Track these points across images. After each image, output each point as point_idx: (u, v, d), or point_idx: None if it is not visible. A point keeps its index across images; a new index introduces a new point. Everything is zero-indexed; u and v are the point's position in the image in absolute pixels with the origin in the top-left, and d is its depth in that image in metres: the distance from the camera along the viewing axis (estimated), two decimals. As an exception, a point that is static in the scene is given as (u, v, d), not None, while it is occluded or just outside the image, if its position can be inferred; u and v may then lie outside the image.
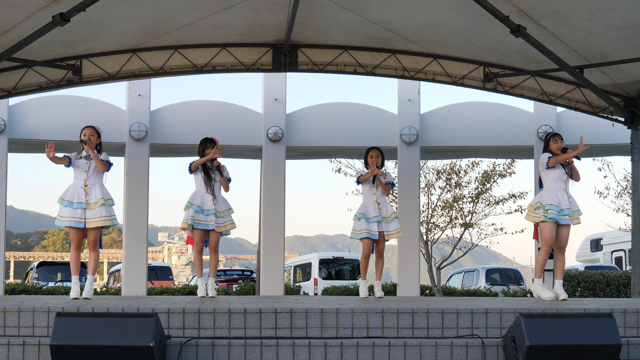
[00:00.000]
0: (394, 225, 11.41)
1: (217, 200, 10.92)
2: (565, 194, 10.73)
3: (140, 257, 19.63)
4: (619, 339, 6.82)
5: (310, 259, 30.11)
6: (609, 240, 33.00)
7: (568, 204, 10.68)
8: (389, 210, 11.40)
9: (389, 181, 11.56)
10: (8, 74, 15.34)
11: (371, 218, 11.35)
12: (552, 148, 10.98)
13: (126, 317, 6.66)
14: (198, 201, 10.88)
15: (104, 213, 10.16)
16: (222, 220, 10.95)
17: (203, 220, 10.84)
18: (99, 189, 10.23)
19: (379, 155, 11.53)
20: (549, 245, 10.73)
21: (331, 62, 15.95)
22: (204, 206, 10.85)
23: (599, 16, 12.59)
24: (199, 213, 10.84)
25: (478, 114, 20.57)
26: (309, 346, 7.11)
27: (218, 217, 10.90)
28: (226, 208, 10.99)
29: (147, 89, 19.83)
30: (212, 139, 11.20)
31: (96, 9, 12.13)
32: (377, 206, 11.38)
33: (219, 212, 10.90)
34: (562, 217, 10.66)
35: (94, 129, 10.47)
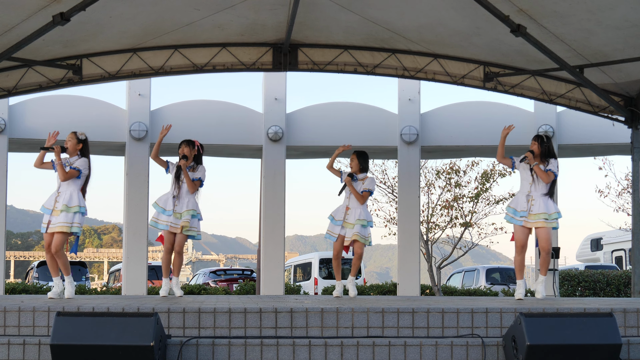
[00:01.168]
0: (354, 230, 11.32)
1: (180, 201, 10.86)
2: (525, 197, 10.69)
3: (140, 256, 19.63)
4: (619, 338, 6.83)
5: (311, 258, 30.09)
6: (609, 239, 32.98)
7: (526, 206, 10.64)
8: (355, 217, 11.34)
9: (367, 189, 11.43)
10: (8, 73, 15.35)
11: (337, 221, 11.40)
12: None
13: (126, 317, 6.67)
14: (162, 202, 10.90)
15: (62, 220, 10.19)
16: (179, 222, 10.85)
17: (163, 221, 10.84)
18: (67, 196, 10.25)
19: (353, 159, 11.61)
20: (516, 247, 10.78)
21: (331, 62, 15.95)
22: (166, 206, 10.86)
23: (599, 16, 12.59)
24: (160, 213, 10.86)
25: (478, 114, 20.56)
26: (309, 345, 7.11)
27: (176, 218, 10.83)
28: (186, 209, 10.84)
29: (147, 88, 19.83)
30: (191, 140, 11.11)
31: (96, 8, 12.14)
32: (345, 211, 11.40)
33: (177, 213, 10.83)
34: (517, 218, 10.65)
35: (74, 135, 10.46)
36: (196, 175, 10.96)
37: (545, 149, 10.75)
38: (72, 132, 10.47)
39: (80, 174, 10.33)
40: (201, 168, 11.05)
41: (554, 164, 10.73)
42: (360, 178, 11.41)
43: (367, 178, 11.45)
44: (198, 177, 10.97)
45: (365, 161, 11.61)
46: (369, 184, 11.45)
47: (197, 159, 11.08)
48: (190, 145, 11.03)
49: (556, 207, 10.80)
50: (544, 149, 10.75)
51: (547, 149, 10.76)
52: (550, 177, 10.65)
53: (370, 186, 11.47)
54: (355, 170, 11.48)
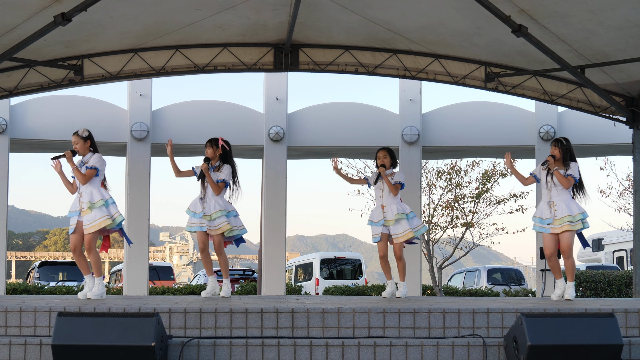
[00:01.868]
0: (401, 227, 11.33)
1: (206, 203, 10.83)
2: (547, 204, 10.68)
3: (141, 257, 19.64)
4: (620, 338, 6.82)
5: (312, 258, 30.12)
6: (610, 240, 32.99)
7: (549, 213, 10.63)
8: (393, 212, 11.32)
9: (397, 181, 11.39)
10: (10, 73, 15.35)
11: (377, 222, 11.39)
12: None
13: (127, 317, 6.67)
14: (192, 205, 10.89)
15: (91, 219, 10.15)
16: (215, 223, 10.83)
17: (196, 223, 10.83)
18: (88, 194, 10.24)
19: (386, 156, 11.44)
20: (546, 254, 10.79)
21: (332, 62, 15.95)
22: (195, 209, 10.85)
23: (600, 16, 12.58)
24: (191, 217, 10.85)
25: (479, 114, 20.58)
26: (310, 346, 7.11)
27: (208, 220, 10.82)
28: (214, 210, 10.84)
29: (148, 88, 19.85)
30: (215, 138, 11.02)
31: (97, 9, 12.14)
32: (382, 210, 11.38)
33: (206, 215, 10.80)
34: (544, 226, 10.64)
35: (77, 136, 10.38)
36: (220, 177, 10.81)
37: (566, 152, 10.71)
38: (74, 135, 10.39)
39: (98, 171, 10.31)
40: (226, 168, 10.86)
41: (575, 168, 10.67)
42: (389, 174, 11.38)
43: (394, 173, 11.43)
44: (222, 178, 10.82)
45: (395, 158, 11.60)
46: (399, 176, 11.42)
47: (223, 158, 10.93)
48: (214, 145, 10.91)
49: (580, 207, 10.72)
50: (564, 152, 10.70)
51: (567, 152, 10.72)
52: (570, 182, 10.60)
53: (401, 178, 11.43)
54: (388, 167, 11.44)
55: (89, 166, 10.25)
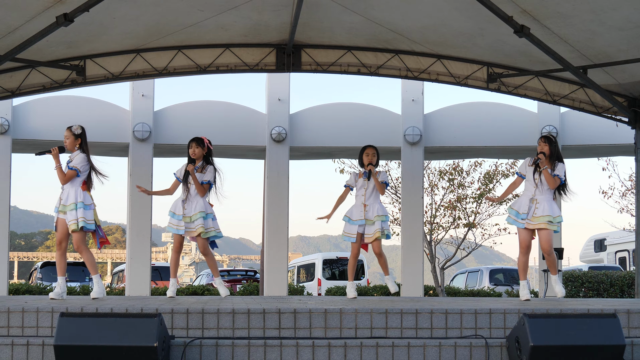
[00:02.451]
0: (374, 228, 11.23)
1: (189, 204, 10.80)
2: (528, 199, 10.67)
3: (143, 257, 19.65)
4: (622, 339, 6.82)
5: (314, 259, 30.11)
6: (612, 240, 32.97)
7: (527, 209, 10.62)
8: (374, 213, 11.26)
9: (384, 180, 11.36)
10: (12, 74, 15.36)
11: (355, 221, 11.28)
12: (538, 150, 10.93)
13: (130, 318, 6.67)
14: (172, 206, 10.88)
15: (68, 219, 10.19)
16: (193, 225, 10.81)
17: (174, 225, 10.83)
18: (66, 194, 10.24)
19: (375, 154, 11.40)
20: (521, 248, 10.75)
21: (335, 63, 15.95)
22: (176, 210, 10.83)
23: (603, 17, 12.58)
24: (172, 217, 10.85)
25: (482, 114, 20.57)
26: (312, 346, 7.12)
27: (188, 222, 10.79)
28: (194, 212, 10.77)
29: (150, 89, 19.85)
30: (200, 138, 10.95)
31: (100, 9, 12.14)
32: (363, 208, 11.32)
33: (186, 216, 10.78)
34: (518, 220, 10.64)
35: (69, 131, 10.36)
36: (205, 178, 10.77)
37: (555, 152, 10.72)
38: (67, 129, 10.38)
39: (79, 173, 10.22)
40: (210, 169, 10.84)
41: (562, 169, 10.69)
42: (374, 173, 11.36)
43: (379, 172, 11.39)
44: (207, 179, 10.80)
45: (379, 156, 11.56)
46: (384, 175, 11.40)
47: (207, 158, 10.95)
48: (200, 145, 10.88)
49: (559, 210, 10.79)
50: (553, 150, 10.71)
51: (556, 151, 10.73)
52: (556, 183, 10.62)
53: (386, 178, 11.42)
54: (375, 163, 11.40)
55: (71, 166, 10.20)
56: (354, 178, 11.46)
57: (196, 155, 10.80)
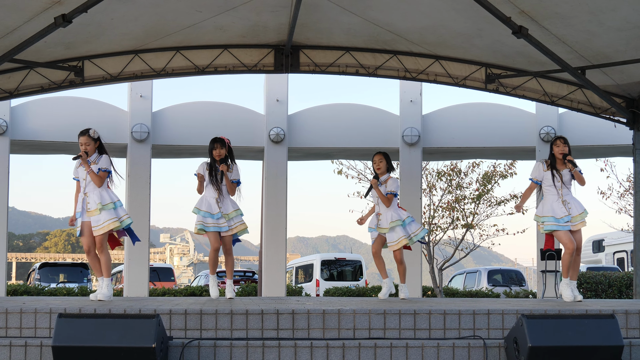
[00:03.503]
0: (395, 235, 11.24)
1: (222, 203, 10.73)
2: (560, 202, 10.61)
3: (142, 258, 19.65)
4: (621, 340, 6.82)
5: (312, 260, 30.12)
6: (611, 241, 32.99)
7: (565, 210, 10.57)
8: (387, 220, 11.23)
9: (390, 191, 11.24)
10: (10, 75, 15.35)
11: (373, 228, 11.41)
12: (554, 152, 10.84)
13: (128, 318, 6.67)
14: (205, 206, 10.71)
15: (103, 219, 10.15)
16: (232, 223, 10.77)
17: (213, 224, 10.67)
18: (97, 195, 10.21)
19: (381, 160, 11.33)
20: (569, 246, 10.53)
21: (333, 63, 15.95)
22: (211, 210, 10.68)
23: (601, 17, 12.59)
24: (208, 217, 10.68)
25: (480, 115, 20.59)
26: (310, 347, 7.11)
27: (227, 219, 10.74)
28: (233, 209, 10.80)
29: (149, 90, 19.86)
30: (222, 138, 10.90)
31: (98, 10, 12.14)
32: (377, 217, 11.37)
33: (225, 214, 10.73)
34: (562, 224, 10.52)
35: (89, 137, 10.27)
36: (234, 178, 10.75)
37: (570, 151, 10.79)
38: (85, 136, 10.21)
39: (110, 174, 10.27)
40: (235, 168, 10.82)
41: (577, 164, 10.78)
42: (383, 181, 11.27)
43: (389, 179, 11.30)
44: (236, 179, 10.80)
45: (390, 161, 11.48)
46: (392, 185, 11.27)
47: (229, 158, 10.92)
48: (224, 147, 10.82)
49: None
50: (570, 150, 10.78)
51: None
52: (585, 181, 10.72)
53: (394, 187, 11.28)
54: (384, 171, 11.33)
55: (101, 168, 10.17)
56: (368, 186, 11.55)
57: (222, 155, 10.74)
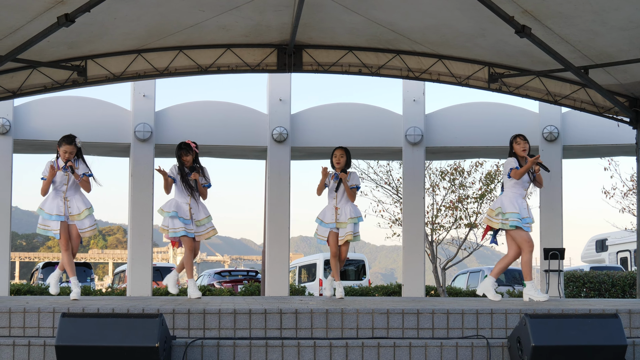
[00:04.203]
0: (345, 231, 11.19)
1: (195, 209, 10.76)
2: (524, 202, 10.57)
3: (145, 257, 19.64)
4: (624, 339, 6.82)
5: (316, 259, 30.12)
6: (614, 240, 32.97)
7: (527, 212, 10.52)
8: (347, 215, 11.19)
9: (354, 185, 11.28)
10: (13, 74, 15.36)
11: (327, 224, 11.24)
12: (516, 150, 10.79)
13: (131, 318, 6.67)
14: (173, 207, 10.71)
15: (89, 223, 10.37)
16: (203, 228, 10.81)
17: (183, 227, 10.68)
18: (79, 200, 10.37)
19: (343, 155, 11.31)
20: (531, 244, 10.50)
21: (336, 63, 15.94)
22: (183, 215, 10.70)
23: (604, 17, 12.58)
24: (176, 220, 10.66)
25: (483, 115, 20.57)
26: (314, 347, 7.12)
27: (198, 225, 10.78)
28: (204, 216, 10.78)
29: (152, 89, 19.85)
30: (188, 143, 10.91)
31: (101, 10, 12.15)
32: (335, 211, 11.26)
33: (197, 220, 10.76)
34: (525, 225, 10.48)
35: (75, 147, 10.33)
36: (204, 182, 10.87)
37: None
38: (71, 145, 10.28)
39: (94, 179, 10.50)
40: (207, 171, 10.92)
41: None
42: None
43: (350, 174, 11.33)
44: (209, 183, 10.90)
45: (350, 157, 11.47)
46: (355, 179, 11.32)
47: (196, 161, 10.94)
48: (190, 152, 10.82)
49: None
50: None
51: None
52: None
53: (357, 181, 11.31)
54: (342, 166, 11.31)
55: (86, 173, 10.35)
56: (328, 179, 11.35)
57: (190, 161, 10.75)
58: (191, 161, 10.75)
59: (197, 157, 10.88)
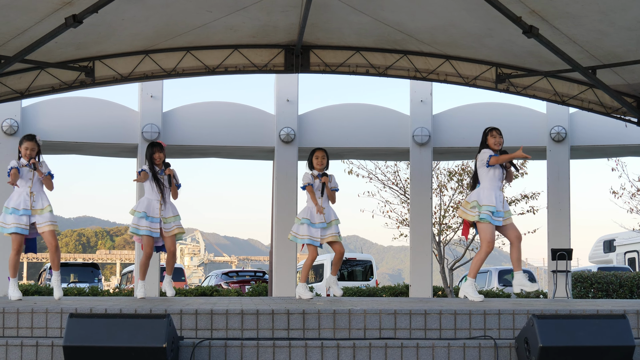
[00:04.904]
0: (332, 230, 11.18)
1: (164, 207, 10.96)
2: (501, 194, 10.54)
3: (152, 258, 19.61)
4: (632, 340, 6.81)
5: (323, 260, 30.11)
6: (622, 241, 32.93)
7: (502, 205, 10.49)
8: (331, 216, 11.19)
9: (335, 187, 11.31)
10: (21, 75, 15.39)
11: (316, 224, 11.17)
12: (489, 143, 10.78)
13: (139, 318, 6.68)
14: (143, 207, 10.91)
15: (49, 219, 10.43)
16: (169, 226, 10.97)
17: (147, 227, 10.88)
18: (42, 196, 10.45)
19: (324, 157, 11.37)
20: (490, 246, 10.42)
21: (343, 63, 15.94)
22: (150, 213, 10.89)
23: (612, 17, 12.56)
24: (143, 219, 10.88)
25: (490, 115, 20.53)
26: (321, 347, 7.12)
27: (165, 222, 10.93)
28: (173, 215, 11.02)
29: (159, 90, 19.88)
30: (159, 142, 11.20)
31: (108, 11, 12.17)
32: (321, 212, 11.22)
33: (165, 218, 10.94)
34: (496, 218, 10.36)
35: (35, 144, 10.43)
36: (178, 182, 11.22)
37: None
38: (32, 142, 10.38)
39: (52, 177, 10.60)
40: (175, 171, 11.23)
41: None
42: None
43: (330, 177, 11.37)
44: (179, 183, 11.25)
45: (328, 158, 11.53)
46: (335, 182, 11.38)
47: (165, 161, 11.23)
48: (163, 150, 11.19)
49: None
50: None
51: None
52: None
53: (336, 184, 11.37)
54: (324, 168, 11.36)
55: (50, 172, 10.52)
56: (311, 178, 11.33)
57: (162, 159, 11.14)
58: (163, 159, 11.09)
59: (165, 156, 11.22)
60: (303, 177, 11.39)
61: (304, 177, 11.38)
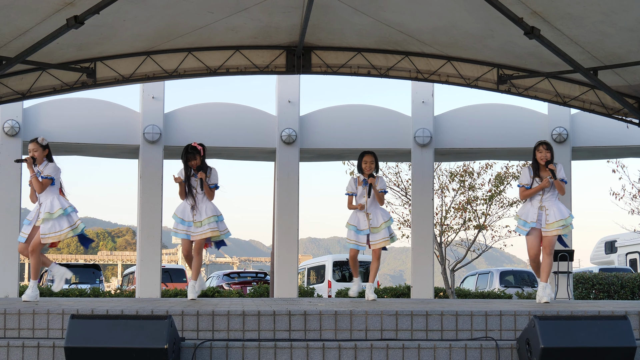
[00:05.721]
0: (382, 234, 11.24)
1: (197, 210, 10.81)
2: (536, 207, 10.55)
3: (154, 259, 19.67)
4: (633, 341, 6.81)
5: (324, 261, 30.10)
6: (623, 242, 32.90)
7: (537, 216, 10.50)
8: (379, 221, 11.23)
9: (382, 189, 11.32)
10: (23, 76, 15.39)
11: (362, 230, 11.23)
12: (537, 157, 10.76)
13: (140, 319, 6.68)
14: (180, 212, 10.86)
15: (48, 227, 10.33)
16: (199, 229, 10.80)
17: (184, 230, 10.83)
18: (48, 204, 10.38)
19: (373, 161, 11.34)
20: (529, 255, 10.61)
21: (345, 64, 15.94)
22: (184, 217, 10.83)
23: (613, 18, 12.55)
24: (179, 223, 10.84)
25: (492, 116, 20.56)
26: (322, 348, 7.12)
27: (195, 226, 10.81)
28: (206, 216, 10.81)
29: (161, 91, 19.88)
30: (195, 146, 10.93)
31: (110, 12, 12.17)
32: (367, 217, 11.27)
33: (197, 221, 10.80)
34: (528, 229, 10.49)
35: (37, 144, 10.43)
36: (212, 182, 10.89)
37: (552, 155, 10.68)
38: (33, 142, 10.44)
39: (53, 181, 10.46)
40: (213, 172, 10.96)
41: (561, 170, 10.63)
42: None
43: (378, 178, 11.36)
44: (214, 183, 10.93)
45: (378, 161, 11.51)
46: (382, 183, 11.37)
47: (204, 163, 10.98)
48: (198, 154, 10.86)
49: (567, 209, 10.70)
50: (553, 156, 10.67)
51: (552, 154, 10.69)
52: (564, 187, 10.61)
53: (384, 186, 11.39)
54: (374, 170, 11.35)
55: (45, 175, 10.44)
56: (354, 184, 11.35)
57: (197, 164, 10.82)
58: (199, 163, 10.81)
59: (204, 158, 10.92)
60: (347, 184, 11.49)
61: (348, 183, 11.50)
